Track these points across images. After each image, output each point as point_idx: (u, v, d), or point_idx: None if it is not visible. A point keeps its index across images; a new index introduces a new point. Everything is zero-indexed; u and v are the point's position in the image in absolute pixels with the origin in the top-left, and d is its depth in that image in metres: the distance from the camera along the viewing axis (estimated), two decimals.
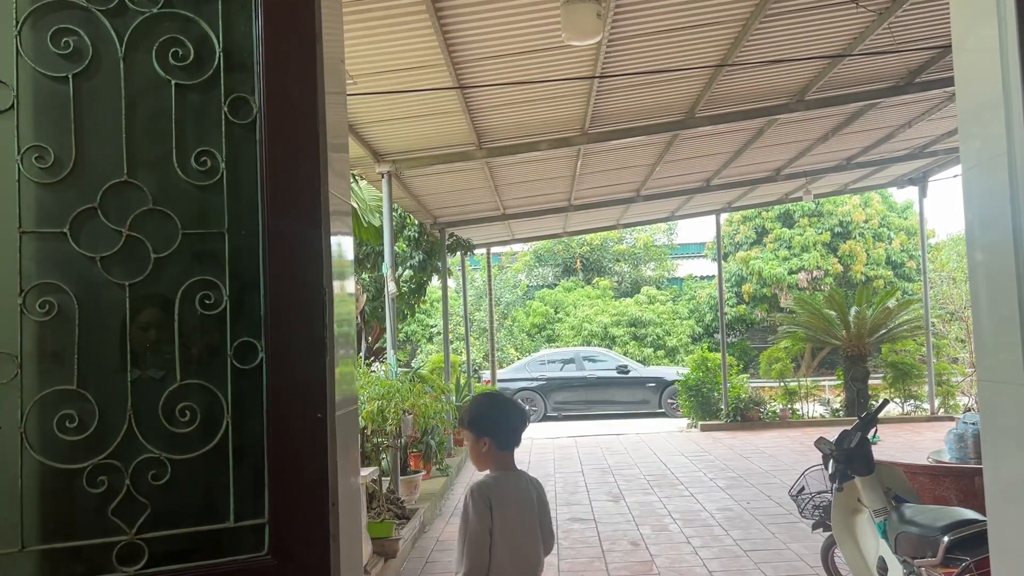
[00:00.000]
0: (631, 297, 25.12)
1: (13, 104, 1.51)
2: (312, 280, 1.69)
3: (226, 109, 1.63)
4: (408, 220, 12.78)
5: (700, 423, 14.48)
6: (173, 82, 1.60)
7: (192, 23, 1.63)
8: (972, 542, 3.63)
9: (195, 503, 1.62)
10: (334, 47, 1.89)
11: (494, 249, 19.03)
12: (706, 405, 14.75)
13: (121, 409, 1.55)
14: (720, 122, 8.69)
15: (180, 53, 1.60)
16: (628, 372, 18.10)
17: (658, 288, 25.77)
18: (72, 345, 1.52)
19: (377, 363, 10.98)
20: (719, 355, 14.83)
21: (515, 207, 12.79)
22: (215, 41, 1.63)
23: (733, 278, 22.87)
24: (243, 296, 1.65)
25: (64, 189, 1.54)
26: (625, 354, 21.09)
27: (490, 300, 18.30)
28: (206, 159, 1.62)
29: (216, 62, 1.63)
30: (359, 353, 11.70)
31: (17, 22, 1.51)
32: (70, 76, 1.54)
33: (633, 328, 23.25)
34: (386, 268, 8.61)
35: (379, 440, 7.43)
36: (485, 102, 7.26)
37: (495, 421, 2.90)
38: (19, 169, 1.50)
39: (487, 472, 2.89)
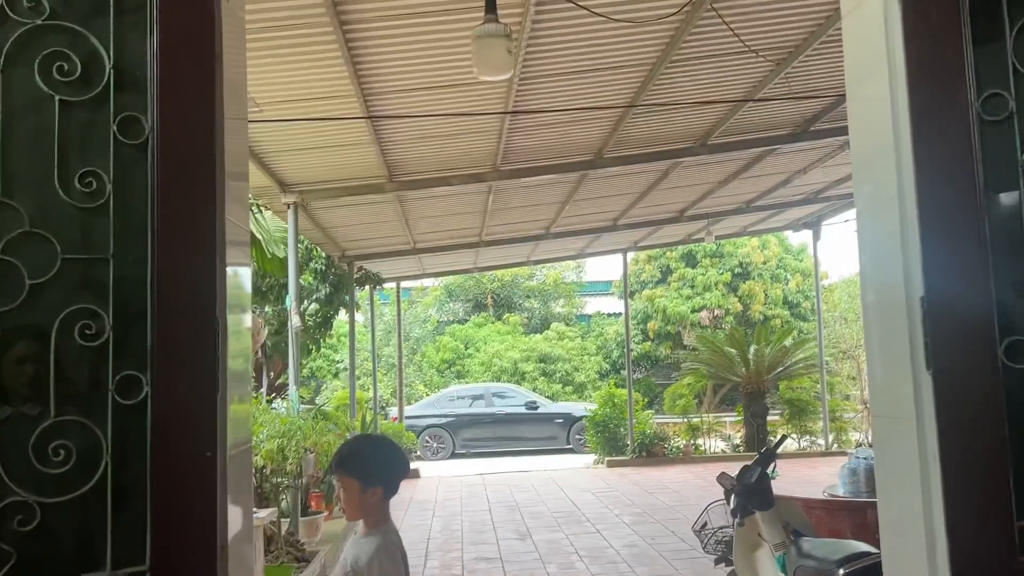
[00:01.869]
0: (541, 333, 25.29)
1: None
2: (204, 311, 1.60)
3: (115, 128, 1.55)
4: (315, 252, 12.54)
5: (607, 459, 14.60)
6: (57, 98, 1.51)
7: (80, 37, 1.54)
8: (867, 574, 3.74)
9: (68, 550, 1.49)
10: (236, 71, 1.82)
11: (404, 283, 18.89)
12: (613, 441, 14.89)
13: None
14: (627, 163, 8.91)
15: (66, 68, 1.51)
16: (537, 408, 18.14)
17: (567, 324, 26.04)
18: None
19: (279, 399, 10.65)
20: (626, 391, 15.04)
21: (426, 241, 12.74)
22: (105, 57, 1.55)
23: (639, 315, 23.35)
24: (128, 327, 1.55)
25: None
26: (534, 390, 21.14)
27: (399, 335, 18.10)
28: (91, 180, 1.52)
29: (106, 79, 1.55)
30: (260, 389, 11.32)
31: None
32: None
33: (543, 364, 23.38)
34: (290, 301, 8.39)
35: (279, 480, 7.16)
36: (397, 135, 7.23)
37: (388, 467, 2.62)
38: None
39: (374, 526, 2.57)
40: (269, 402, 8.74)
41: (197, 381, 1.57)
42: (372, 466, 2.60)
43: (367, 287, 15.00)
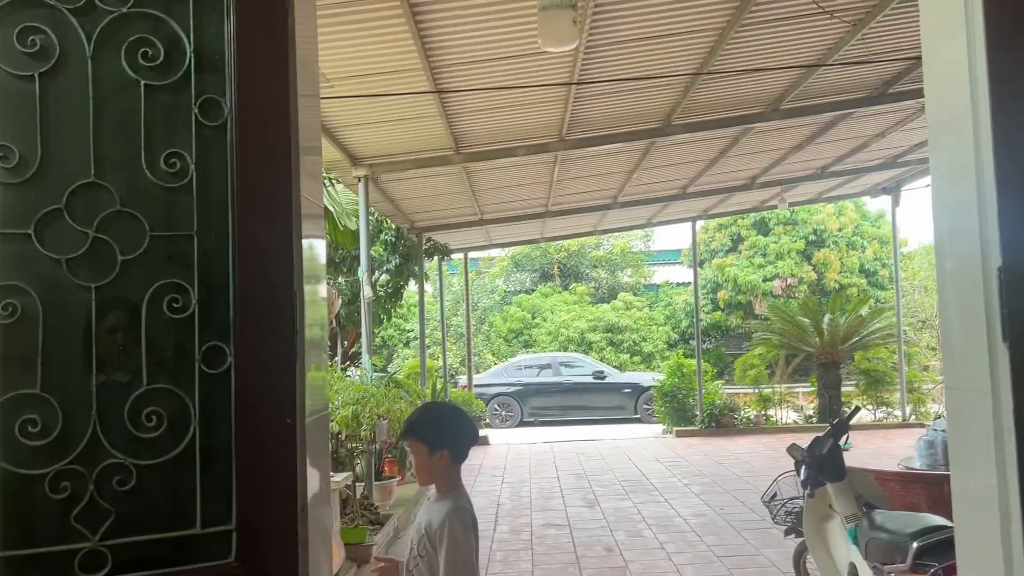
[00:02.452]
0: (608, 303, 25.19)
1: None
2: (283, 284, 1.67)
3: (196, 110, 1.62)
4: (385, 224, 12.73)
5: (675, 429, 14.54)
6: (142, 82, 1.58)
7: (163, 23, 1.61)
8: (941, 548, 3.67)
9: (161, 509, 1.59)
10: (308, 49, 1.88)
11: (472, 254, 19.03)
12: (681, 411, 14.81)
13: (86, 414, 1.52)
14: (696, 130, 8.76)
15: (150, 53, 1.58)
16: (604, 378, 18.15)
17: (635, 294, 25.87)
18: (36, 348, 1.49)
19: (352, 368, 10.92)
20: (694, 361, 14.91)
21: (493, 212, 12.79)
22: (186, 41, 1.61)
23: (709, 285, 23.02)
24: (212, 300, 1.63)
25: (29, 189, 1.51)
26: (601, 360, 21.14)
27: (467, 305, 18.28)
28: (175, 160, 1.60)
29: (187, 63, 1.61)
30: (335, 358, 11.63)
31: None
32: (36, 75, 1.51)
33: (609, 334, 23.32)
34: (362, 272, 8.57)
35: (353, 445, 7.38)
36: (463, 107, 7.26)
37: (454, 431, 2.68)
38: None
39: (445, 491, 2.63)
40: (343, 370, 8.99)
41: (277, 351, 1.64)
42: (438, 431, 2.66)
43: (435, 258, 15.18)
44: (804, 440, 4.70)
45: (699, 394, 14.56)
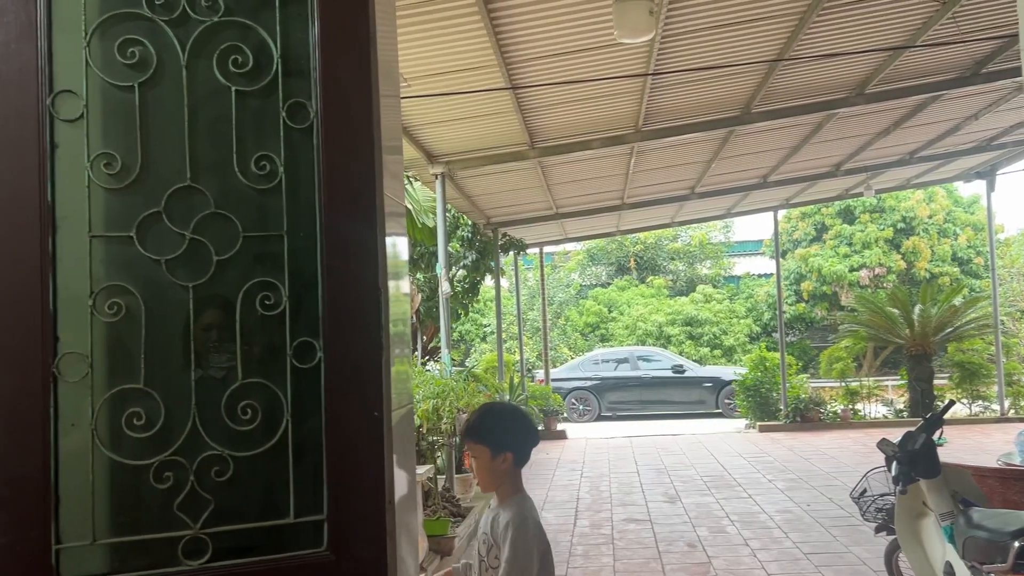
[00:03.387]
0: (686, 296, 24.84)
1: (83, 113, 1.56)
2: (368, 280, 1.71)
3: (284, 114, 1.67)
4: (461, 220, 12.86)
5: (758, 424, 14.24)
6: (233, 88, 1.64)
7: (251, 31, 1.66)
8: None
9: (256, 499, 1.66)
10: (388, 51, 1.92)
11: (547, 248, 19.03)
12: (764, 406, 14.50)
13: (186, 407, 1.59)
14: (777, 117, 8.54)
15: (240, 60, 1.64)
16: (684, 372, 17.90)
17: (714, 286, 25.43)
18: (139, 345, 1.57)
19: (432, 362, 11.08)
20: (778, 354, 14.57)
21: (568, 206, 12.77)
22: (273, 48, 1.67)
23: (792, 276, 22.44)
24: (302, 297, 1.68)
25: (131, 194, 1.59)
26: (680, 353, 20.87)
27: (543, 299, 18.30)
28: (265, 163, 1.66)
29: (274, 68, 1.67)
30: (415, 353, 11.82)
31: (86, 33, 1.57)
32: (136, 85, 1.59)
33: (689, 327, 22.98)
34: (440, 268, 8.68)
35: (434, 438, 7.49)
36: (537, 101, 7.27)
37: (516, 433, 2.57)
38: (89, 175, 1.56)
39: (508, 495, 2.52)
40: (423, 364, 9.12)
41: (364, 345, 1.69)
42: (500, 433, 2.55)
43: (511, 253, 15.24)
44: (894, 435, 4.54)
45: (783, 388, 14.22)
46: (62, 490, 1.51)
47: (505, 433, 2.55)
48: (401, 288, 1.99)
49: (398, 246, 1.95)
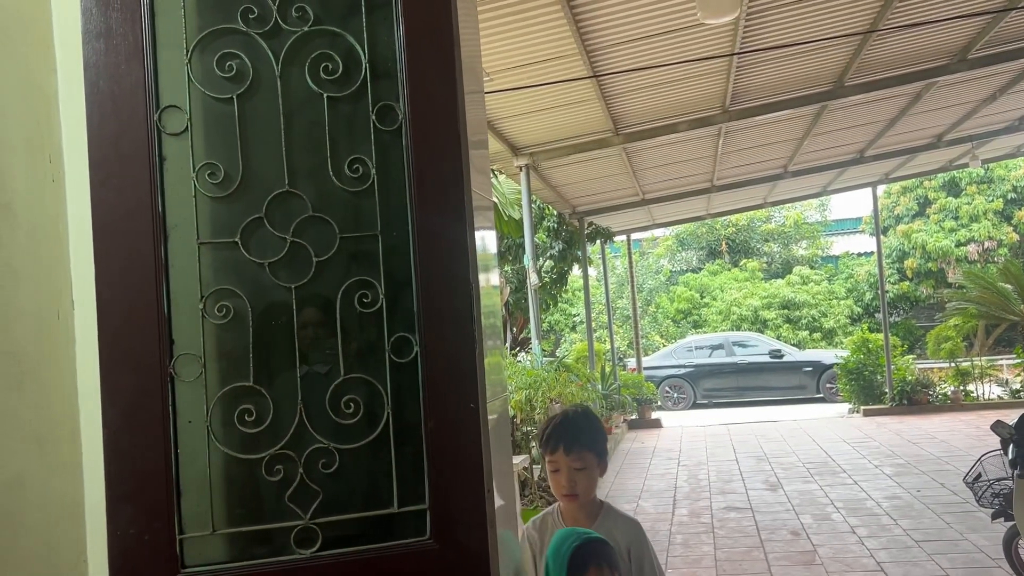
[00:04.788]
0: (782, 278, 24.17)
1: (187, 127, 1.65)
2: (459, 275, 1.74)
3: (374, 117, 1.72)
4: (547, 211, 12.87)
5: (862, 408, 13.77)
6: (325, 95, 1.70)
7: (339, 38, 1.72)
8: None
9: (361, 490, 1.71)
10: (471, 47, 1.94)
11: (634, 235, 18.84)
12: (868, 389, 14.00)
13: (292, 403, 1.66)
14: (872, 89, 8.21)
15: (330, 67, 1.69)
16: (782, 356, 17.46)
17: (811, 267, 24.66)
18: (247, 345, 1.65)
19: (523, 353, 11.14)
20: (881, 336, 14.03)
21: (655, 191, 12.61)
22: (361, 53, 1.72)
23: (894, 253, 21.53)
24: (397, 293, 1.73)
25: (234, 201, 1.67)
26: (778, 338, 20.35)
27: (632, 287, 18.14)
28: (358, 166, 1.71)
29: (363, 73, 1.72)
30: (505, 344, 11.92)
31: (187, 51, 1.65)
32: (234, 97, 1.66)
33: (786, 311, 22.37)
34: (527, 260, 8.72)
35: (528, 429, 7.55)
36: (620, 87, 7.20)
37: (605, 438, 2.50)
38: (195, 185, 1.64)
39: (601, 506, 2.49)
40: (514, 356, 9.20)
41: (458, 339, 1.72)
42: (601, 438, 2.48)
43: (598, 241, 15.17)
44: (1011, 416, 4.32)
45: (888, 370, 13.69)
46: (183, 483, 1.60)
47: (603, 439, 2.50)
48: (491, 281, 2.02)
49: (487, 240, 1.98)
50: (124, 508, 1.56)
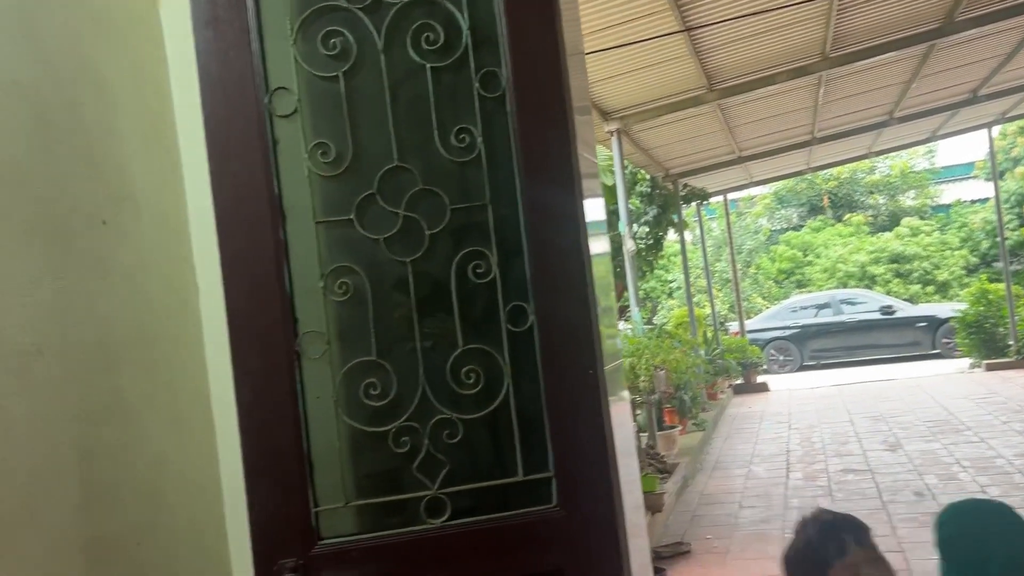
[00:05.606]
0: (890, 231, 23.07)
1: (297, 108, 1.67)
2: (570, 241, 1.71)
3: (477, 85, 1.69)
4: (639, 175, 12.64)
5: (984, 362, 13.04)
6: (428, 66, 1.69)
7: (438, 7, 1.70)
8: None
9: (486, 459, 1.72)
10: (570, 8, 1.90)
11: (731, 195, 18.31)
12: (990, 342, 13.24)
13: (414, 375, 1.68)
14: (986, 23, 7.65)
15: (431, 37, 1.68)
16: (893, 312, 16.70)
17: (921, 218, 23.44)
18: (368, 320, 1.67)
19: (622, 321, 11.05)
20: (1002, 285, 13.23)
21: (751, 148, 12.19)
22: (461, 20, 1.69)
23: (1012, 198, 20.22)
24: (510, 263, 1.71)
25: (346, 179, 1.68)
26: (888, 293, 19.47)
27: (731, 248, 17.66)
28: (464, 136, 1.69)
29: (464, 41, 1.70)
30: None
31: (292, 32, 1.66)
32: (340, 74, 1.67)
33: (895, 264, 21.38)
34: (623, 226, 8.60)
35: (633, 397, 7.48)
36: (713, 40, 6.96)
37: None
38: (308, 166, 1.67)
39: None
40: None
41: (572, 305, 1.70)
42: None
43: (693, 204, 14.81)
44: None
45: (1011, 322, 12.92)
46: (314, 458, 1.64)
47: None
48: (600, 247, 1.98)
49: (595, 206, 1.94)
50: (261, 483, 1.61)
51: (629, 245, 8.63)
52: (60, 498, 1.57)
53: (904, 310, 16.89)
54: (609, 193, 10.55)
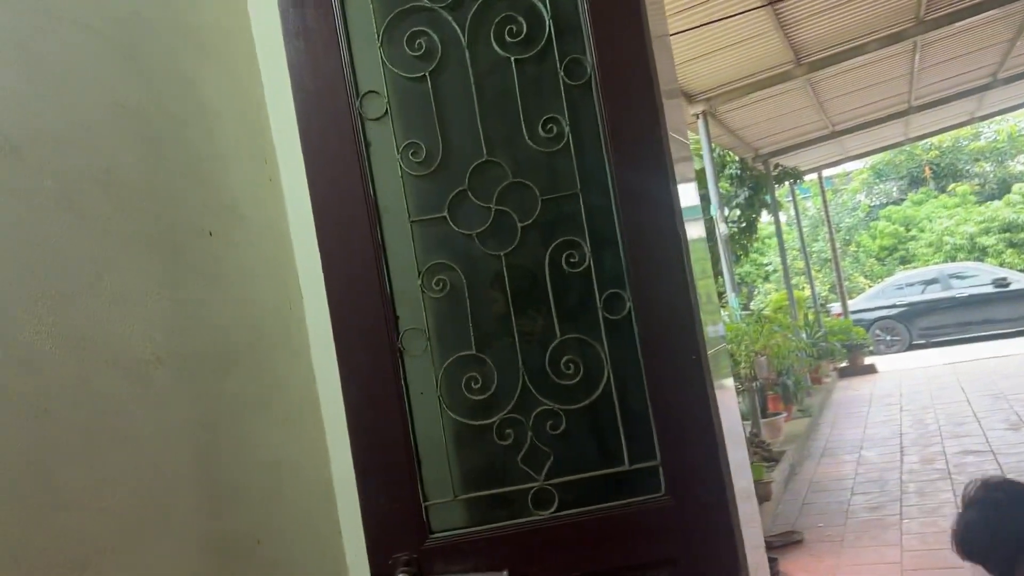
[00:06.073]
0: (999, 199, 21.80)
1: (387, 110, 1.70)
2: (667, 227, 1.68)
3: (562, 73, 1.68)
4: (728, 157, 12.35)
5: None
6: (512, 58, 1.69)
7: None
8: None
9: (591, 449, 1.71)
10: None
11: (825, 172, 17.68)
12: None
13: (514, 367, 1.68)
14: None
15: (514, 29, 1.68)
16: (1008, 285, 15.78)
17: None
18: (466, 315, 1.68)
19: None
20: None
21: (845, 121, 11.74)
22: (543, 9, 1.68)
23: None
24: (603, 251, 1.70)
25: (437, 177, 1.70)
26: (1001, 265, 18.43)
27: (829, 227, 17.05)
28: (552, 126, 1.69)
29: (547, 30, 1.69)
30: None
31: (378, 35, 1.69)
32: (427, 74, 1.69)
33: (1007, 234, 20.20)
34: (714, 210, 8.42)
35: (735, 384, 7.33)
36: (799, 13, 6.72)
37: None
38: (400, 166, 1.69)
39: None
40: None
41: (671, 290, 1.67)
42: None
43: (786, 183, 14.37)
44: None
45: None
46: (421, 453, 1.67)
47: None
48: (697, 231, 1.94)
49: (688, 191, 1.90)
50: (372, 480, 1.64)
51: (723, 229, 8.44)
52: (187, 500, 1.64)
53: (1019, 282, 15.93)
54: (698, 177, 10.35)
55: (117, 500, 1.46)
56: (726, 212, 12.45)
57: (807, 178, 16.15)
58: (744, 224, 13.16)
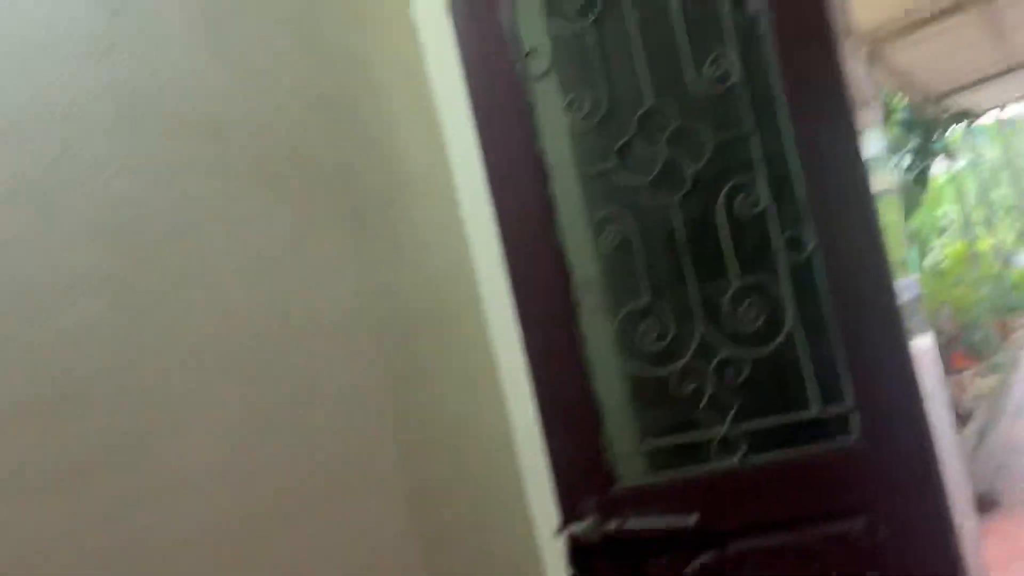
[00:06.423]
0: None
1: (550, 67, 1.71)
2: (850, 160, 1.58)
3: (729, 7, 1.63)
4: (894, 103, 11.53)
5: None
6: None
7: None
8: None
9: (776, 394, 1.67)
10: None
11: (1005, 113, 16.15)
12: None
13: (689, 315, 1.66)
14: None
15: None
16: None
17: None
18: (639, 264, 1.68)
19: None
20: None
21: None
22: None
23: None
24: (780, 190, 1.63)
25: (603, 128, 1.70)
26: None
27: (1013, 172, 15.59)
28: (718, 64, 1.64)
29: None
30: None
31: None
32: (589, 25, 1.69)
33: None
34: (884, 159, 7.91)
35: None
36: None
37: None
38: (565, 121, 1.70)
39: None
40: None
41: (858, 228, 1.57)
42: None
43: (960, 126, 13.26)
44: None
45: None
46: (602, 403, 1.68)
47: None
48: (876, 183, 1.83)
49: (867, 134, 1.80)
50: (556, 432, 1.68)
51: (894, 179, 7.93)
52: (385, 455, 1.74)
53: None
54: None
55: (325, 455, 1.57)
56: (896, 161, 11.66)
57: (984, 120, 14.82)
58: (917, 173, 12.28)
